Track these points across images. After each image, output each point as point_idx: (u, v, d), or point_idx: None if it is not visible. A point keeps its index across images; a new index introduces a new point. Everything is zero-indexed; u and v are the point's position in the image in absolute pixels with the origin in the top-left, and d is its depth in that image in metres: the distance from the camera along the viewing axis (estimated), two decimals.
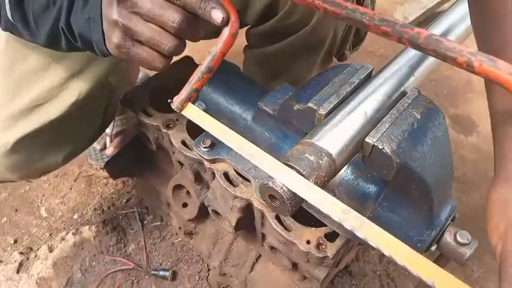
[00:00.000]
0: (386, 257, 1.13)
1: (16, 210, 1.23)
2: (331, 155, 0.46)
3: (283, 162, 0.45)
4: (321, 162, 0.45)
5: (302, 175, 0.43)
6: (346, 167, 0.61)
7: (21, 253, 1.13)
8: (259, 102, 0.66)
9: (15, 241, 1.17)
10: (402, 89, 0.54)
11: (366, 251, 1.12)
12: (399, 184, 0.52)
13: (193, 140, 0.83)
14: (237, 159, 0.80)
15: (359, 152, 0.51)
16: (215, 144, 0.81)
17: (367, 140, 0.49)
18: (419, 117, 0.51)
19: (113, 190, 1.25)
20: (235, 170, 0.80)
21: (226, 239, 0.98)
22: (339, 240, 0.73)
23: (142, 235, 1.13)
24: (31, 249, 1.15)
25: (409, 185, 0.51)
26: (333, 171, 0.46)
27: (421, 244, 0.57)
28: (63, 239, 1.16)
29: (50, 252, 1.13)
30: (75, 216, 1.22)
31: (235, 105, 0.71)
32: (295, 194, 0.43)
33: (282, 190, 0.43)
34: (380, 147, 0.48)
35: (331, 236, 0.74)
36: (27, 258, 1.13)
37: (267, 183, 0.44)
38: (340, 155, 0.46)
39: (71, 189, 1.28)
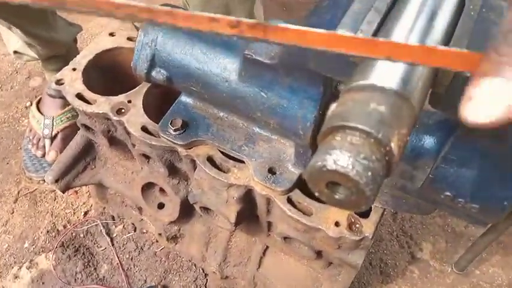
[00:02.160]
0: (400, 214, 0.96)
1: None
2: (408, 99, 0.28)
3: (338, 126, 0.27)
4: (397, 113, 0.27)
5: (378, 139, 0.25)
6: None
7: None
8: (246, 51, 0.46)
9: None
10: None
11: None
12: None
13: (157, 122, 0.63)
14: (222, 136, 0.61)
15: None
16: (188, 123, 0.62)
17: None
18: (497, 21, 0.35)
19: (64, 204, 1.02)
20: (221, 152, 0.61)
21: (220, 235, 0.80)
22: (375, 214, 0.57)
23: (114, 252, 0.92)
24: None
25: None
26: (413, 124, 0.28)
27: (508, 201, 0.42)
28: (16, 276, 0.93)
29: None
30: (26, 245, 0.98)
31: (211, 63, 0.50)
32: (377, 174, 0.25)
33: (355, 172, 0.25)
34: (467, 74, 0.31)
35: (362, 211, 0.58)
36: None
37: (324, 165, 0.25)
38: (418, 97, 0.29)
39: (12, 213, 1.04)
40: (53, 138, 1.05)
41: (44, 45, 1.00)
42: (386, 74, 0.29)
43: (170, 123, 0.61)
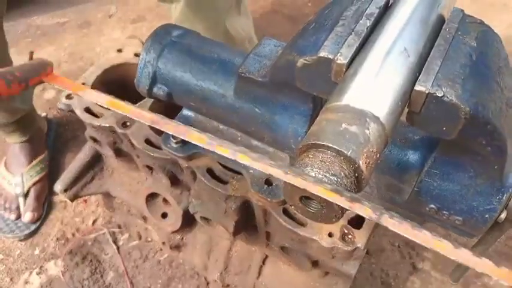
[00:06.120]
0: None
1: None
2: (378, 119, 0.30)
3: (311, 144, 0.29)
4: (367, 132, 0.29)
5: (347, 157, 0.28)
6: None
7: None
8: (240, 69, 0.49)
9: None
10: (438, 11, 0.39)
11: (378, 225, 0.99)
12: (461, 142, 0.37)
13: (160, 135, 0.66)
14: None
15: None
16: None
17: (418, 88, 0.34)
18: (475, 44, 0.37)
19: (73, 213, 1.05)
20: (220, 164, 0.64)
21: (222, 245, 0.82)
22: (367, 225, 0.58)
23: (120, 259, 0.95)
24: None
25: (477, 140, 0.37)
26: (383, 142, 0.31)
27: (489, 214, 0.43)
28: (26, 282, 0.97)
29: None
30: (36, 252, 1.02)
31: (208, 80, 0.53)
32: (345, 189, 0.27)
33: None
34: (439, 95, 0.33)
35: (355, 221, 0.59)
36: None
37: None
38: (389, 117, 0.31)
39: None
40: (26, 195, 1.03)
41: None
42: (360, 96, 0.32)
43: (172, 136, 0.63)
